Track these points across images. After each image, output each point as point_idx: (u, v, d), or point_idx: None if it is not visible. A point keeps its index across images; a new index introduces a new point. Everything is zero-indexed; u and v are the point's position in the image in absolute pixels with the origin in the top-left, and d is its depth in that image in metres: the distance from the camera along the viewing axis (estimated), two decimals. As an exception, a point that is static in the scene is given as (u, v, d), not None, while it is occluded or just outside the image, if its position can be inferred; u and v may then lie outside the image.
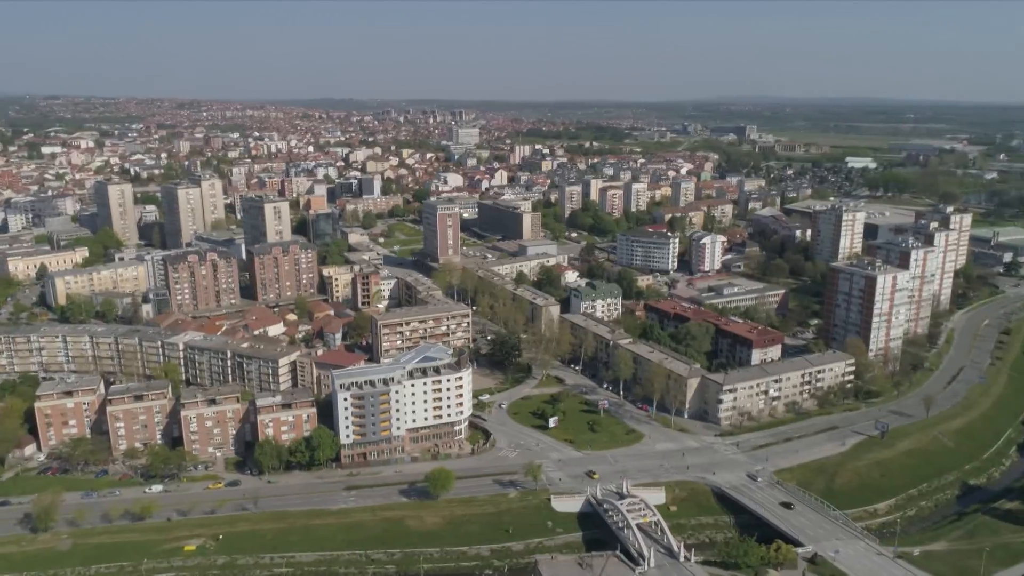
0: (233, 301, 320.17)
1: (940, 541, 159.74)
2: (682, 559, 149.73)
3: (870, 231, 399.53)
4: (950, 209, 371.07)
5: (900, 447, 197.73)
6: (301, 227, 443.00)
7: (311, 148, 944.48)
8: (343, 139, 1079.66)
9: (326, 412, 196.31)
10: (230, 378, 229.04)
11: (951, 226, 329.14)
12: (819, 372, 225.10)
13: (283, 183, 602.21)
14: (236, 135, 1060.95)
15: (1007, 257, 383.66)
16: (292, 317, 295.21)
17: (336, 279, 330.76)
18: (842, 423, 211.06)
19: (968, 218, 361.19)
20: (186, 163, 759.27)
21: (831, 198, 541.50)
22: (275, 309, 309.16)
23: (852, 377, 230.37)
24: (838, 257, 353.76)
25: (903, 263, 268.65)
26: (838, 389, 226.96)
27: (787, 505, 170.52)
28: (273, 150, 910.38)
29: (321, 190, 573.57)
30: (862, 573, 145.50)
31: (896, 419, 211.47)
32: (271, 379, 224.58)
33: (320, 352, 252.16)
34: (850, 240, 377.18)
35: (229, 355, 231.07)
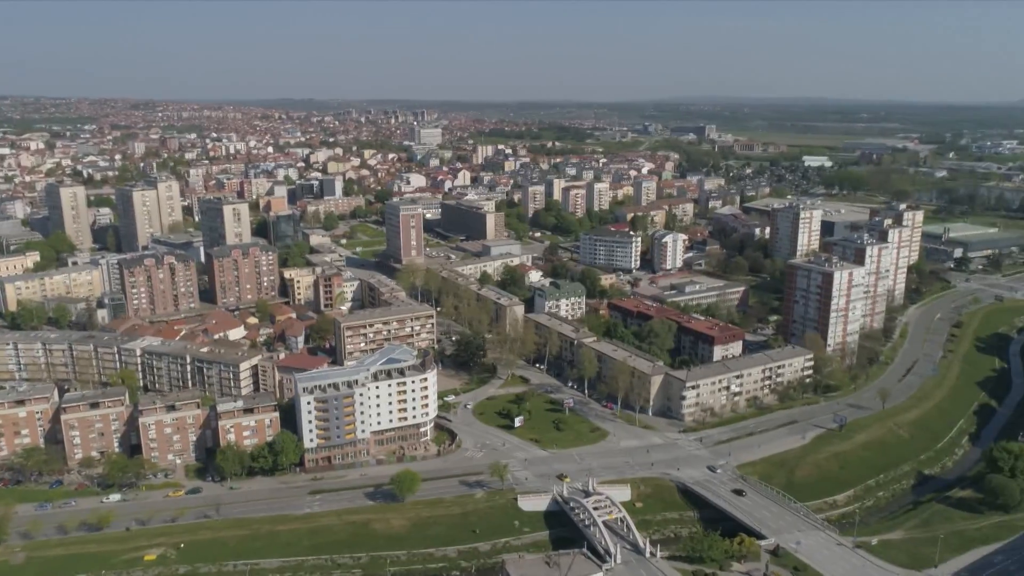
0: (192, 305, 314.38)
1: (897, 530, 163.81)
2: (648, 555, 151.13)
3: (827, 228, 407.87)
4: (903, 206, 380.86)
5: (858, 439, 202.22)
6: (261, 229, 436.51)
7: (271, 149, 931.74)
8: (303, 140, 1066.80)
9: (289, 416, 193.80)
10: (190, 383, 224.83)
11: (904, 223, 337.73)
12: (779, 367, 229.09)
13: (242, 184, 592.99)
14: (193, 136, 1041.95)
15: (957, 253, 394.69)
16: (253, 320, 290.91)
17: (298, 281, 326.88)
18: (802, 417, 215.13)
19: (920, 215, 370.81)
20: (141, 165, 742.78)
21: (789, 196, 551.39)
22: (235, 312, 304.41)
23: (811, 371, 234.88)
24: (796, 254, 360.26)
25: (859, 259, 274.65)
26: (798, 383, 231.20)
27: (739, 492, 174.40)
28: (231, 151, 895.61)
29: (281, 191, 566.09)
30: (823, 563, 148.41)
31: (854, 412, 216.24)
32: (232, 384, 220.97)
33: (282, 355, 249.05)
34: (807, 237, 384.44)
35: (188, 360, 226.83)
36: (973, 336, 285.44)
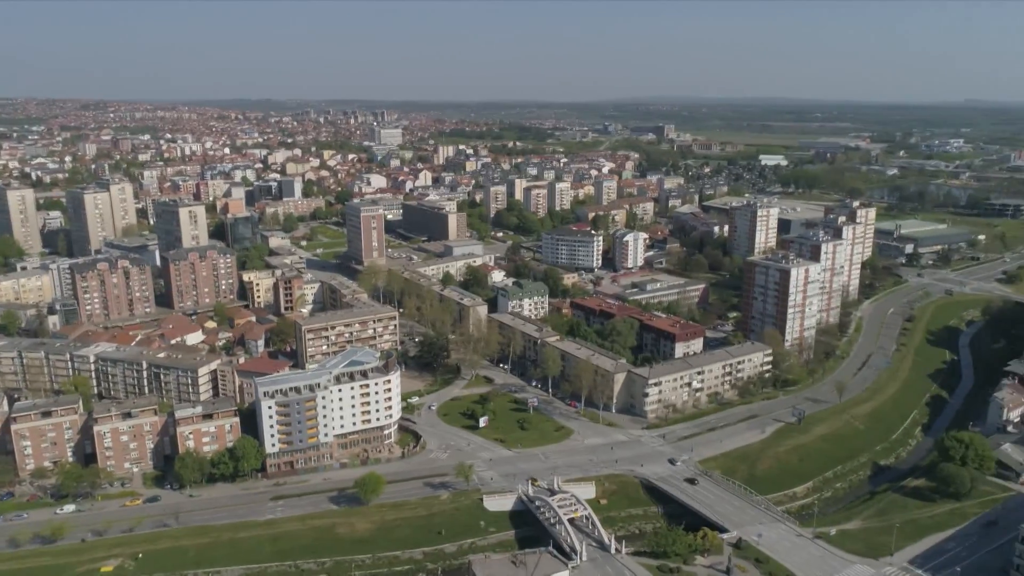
0: (148, 310, 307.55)
1: (854, 520, 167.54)
2: (613, 551, 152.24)
3: (783, 226, 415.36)
4: (856, 204, 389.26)
5: (816, 432, 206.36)
6: (219, 231, 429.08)
7: (227, 150, 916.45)
8: (261, 140, 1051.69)
9: (250, 421, 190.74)
10: (146, 390, 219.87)
11: (857, 220, 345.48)
12: (739, 363, 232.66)
13: (198, 186, 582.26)
14: (147, 137, 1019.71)
15: (909, 248, 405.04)
16: (211, 325, 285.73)
17: (257, 284, 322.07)
18: (762, 411, 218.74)
19: (872, 212, 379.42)
20: (93, 166, 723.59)
21: (746, 195, 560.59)
22: (193, 317, 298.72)
23: (770, 367, 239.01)
24: (754, 252, 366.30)
25: (814, 256, 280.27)
26: (757, 379, 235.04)
27: (691, 481, 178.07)
28: (187, 152, 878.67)
29: (239, 193, 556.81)
30: (783, 555, 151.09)
31: (811, 405, 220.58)
32: (191, 389, 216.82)
33: (242, 360, 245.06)
34: (765, 235, 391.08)
35: (145, 366, 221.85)
36: (924, 329, 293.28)
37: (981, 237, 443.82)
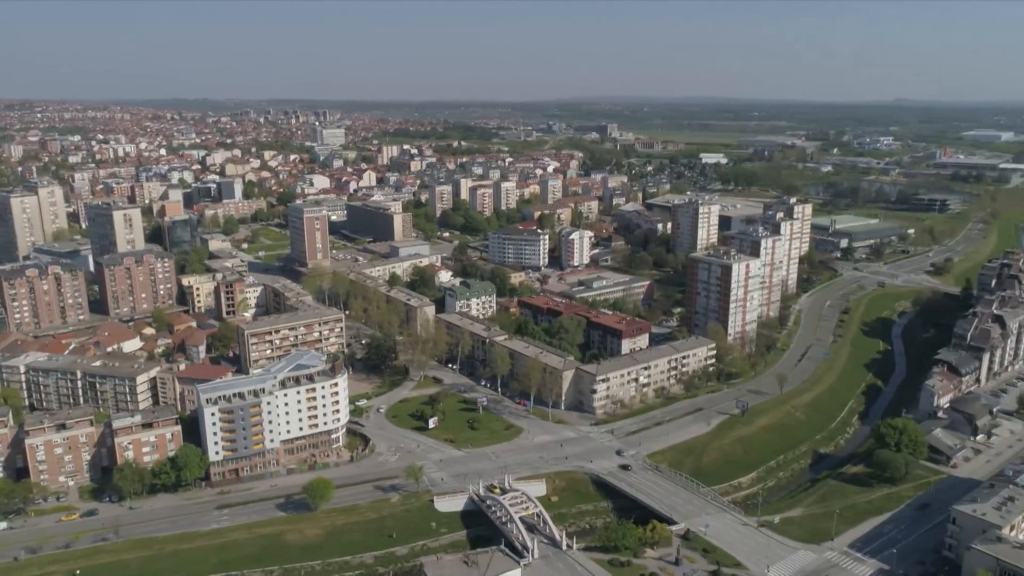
0: (82, 317, 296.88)
1: (797, 507, 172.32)
2: (565, 547, 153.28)
3: (724, 222, 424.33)
4: (793, 200, 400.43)
5: (759, 423, 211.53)
6: (156, 235, 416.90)
7: (163, 151, 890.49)
8: (199, 141, 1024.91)
9: (193, 429, 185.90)
10: (81, 400, 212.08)
11: (795, 216, 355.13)
12: (684, 358, 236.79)
13: (133, 189, 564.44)
14: (77, 138, 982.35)
15: (843, 243, 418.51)
16: (149, 331, 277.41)
17: (197, 289, 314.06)
18: (707, 404, 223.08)
19: (809, 208, 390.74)
20: (19, 169, 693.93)
21: (688, 192, 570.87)
22: (130, 323, 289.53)
23: (714, 360, 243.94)
24: (697, 248, 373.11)
25: (754, 252, 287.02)
26: (702, 372, 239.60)
27: (625, 467, 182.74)
28: (121, 154, 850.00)
29: (176, 195, 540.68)
30: (730, 544, 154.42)
31: (754, 397, 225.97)
32: (129, 398, 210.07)
33: (183, 366, 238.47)
34: (707, 232, 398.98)
35: (79, 375, 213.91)
36: (859, 321, 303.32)
37: (911, 231, 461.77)
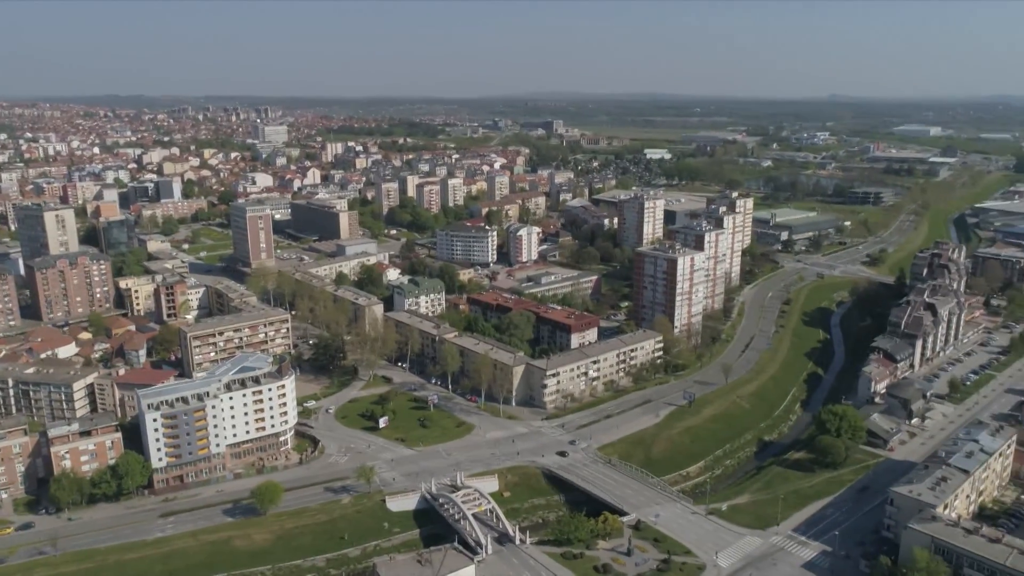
0: (12, 323, 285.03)
1: (743, 494, 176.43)
2: (518, 542, 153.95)
3: (669, 217, 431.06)
4: (735, 194, 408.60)
5: (705, 413, 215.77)
6: (91, 237, 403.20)
7: (97, 150, 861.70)
8: (134, 139, 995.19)
9: (134, 436, 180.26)
10: (14, 409, 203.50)
11: (737, 210, 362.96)
12: (632, 351, 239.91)
13: (65, 189, 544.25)
14: (3, 136, 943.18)
15: (784, 236, 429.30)
16: (86, 336, 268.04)
17: (136, 291, 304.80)
18: (655, 396, 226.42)
19: (750, 202, 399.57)
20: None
21: (633, 188, 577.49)
22: (65, 328, 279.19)
23: (661, 353, 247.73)
24: (643, 242, 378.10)
25: (699, 245, 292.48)
26: (650, 365, 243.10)
27: (562, 454, 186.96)
28: (51, 153, 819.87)
29: (112, 195, 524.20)
30: (679, 532, 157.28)
31: (701, 388, 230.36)
32: (65, 406, 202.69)
33: (122, 371, 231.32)
34: (652, 226, 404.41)
35: (11, 383, 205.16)
36: (800, 311, 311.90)
37: (847, 223, 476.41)
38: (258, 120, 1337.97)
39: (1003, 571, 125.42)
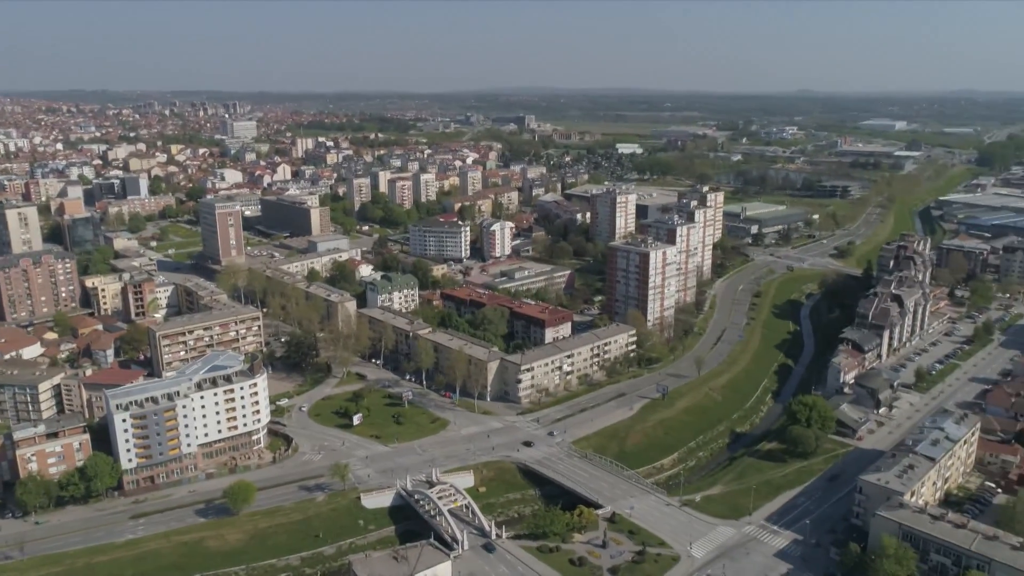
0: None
1: (716, 485, 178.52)
2: (494, 537, 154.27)
3: (641, 211, 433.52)
4: (706, 188, 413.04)
5: (679, 405, 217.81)
6: (55, 235, 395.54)
7: (60, 146, 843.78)
8: (99, 135, 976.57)
9: (103, 437, 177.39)
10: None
11: (708, 204, 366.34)
12: (606, 345, 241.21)
13: (28, 186, 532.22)
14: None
15: (754, 229, 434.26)
16: (51, 336, 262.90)
17: (102, 290, 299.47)
18: (629, 389, 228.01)
19: (721, 196, 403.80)
20: None
21: (606, 182, 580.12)
22: (29, 329, 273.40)
23: (634, 346, 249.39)
24: (615, 237, 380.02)
25: (671, 239, 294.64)
26: (623, 358, 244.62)
27: (528, 443, 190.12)
28: (12, 149, 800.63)
29: (76, 192, 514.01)
30: (654, 524, 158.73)
31: (674, 381, 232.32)
32: (31, 407, 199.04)
33: (89, 372, 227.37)
34: (625, 221, 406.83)
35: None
36: (771, 304, 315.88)
37: (815, 217, 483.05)
38: (226, 115, 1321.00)
39: (968, 555, 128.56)
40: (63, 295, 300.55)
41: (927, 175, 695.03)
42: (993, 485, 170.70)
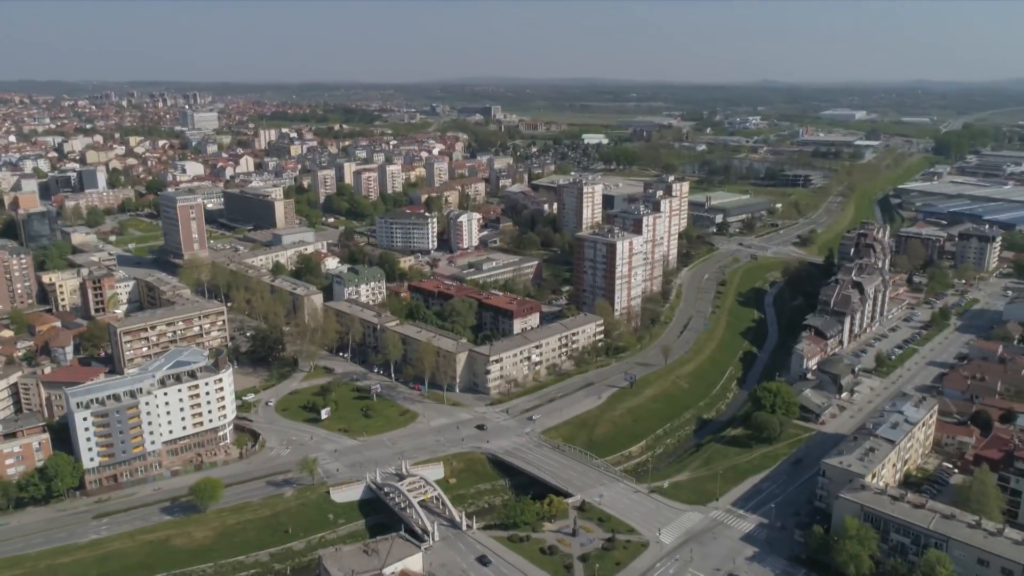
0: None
1: (684, 472, 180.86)
2: (464, 528, 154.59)
3: (607, 201, 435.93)
4: (671, 178, 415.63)
5: (646, 394, 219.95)
6: (9, 230, 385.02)
7: (13, 138, 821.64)
8: (54, 127, 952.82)
9: (64, 436, 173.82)
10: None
11: (673, 194, 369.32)
12: (574, 334, 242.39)
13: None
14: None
15: (719, 218, 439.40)
16: (7, 333, 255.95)
17: (60, 286, 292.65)
18: (597, 379, 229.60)
19: (686, 186, 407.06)
20: None
21: (572, 173, 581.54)
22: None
23: (602, 336, 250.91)
24: (582, 227, 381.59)
25: (637, 229, 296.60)
26: (591, 348, 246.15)
27: (480, 427, 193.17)
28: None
29: (31, 186, 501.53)
30: (623, 511, 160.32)
31: (641, 369, 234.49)
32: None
33: (48, 370, 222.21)
34: (591, 211, 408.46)
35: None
36: (735, 292, 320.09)
37: (778, 205, 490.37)
38: (186, 106, 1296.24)
39: (926, 534, 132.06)
40: (19, 291, 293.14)
41: (886, 164, 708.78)
42: (950, 466, 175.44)
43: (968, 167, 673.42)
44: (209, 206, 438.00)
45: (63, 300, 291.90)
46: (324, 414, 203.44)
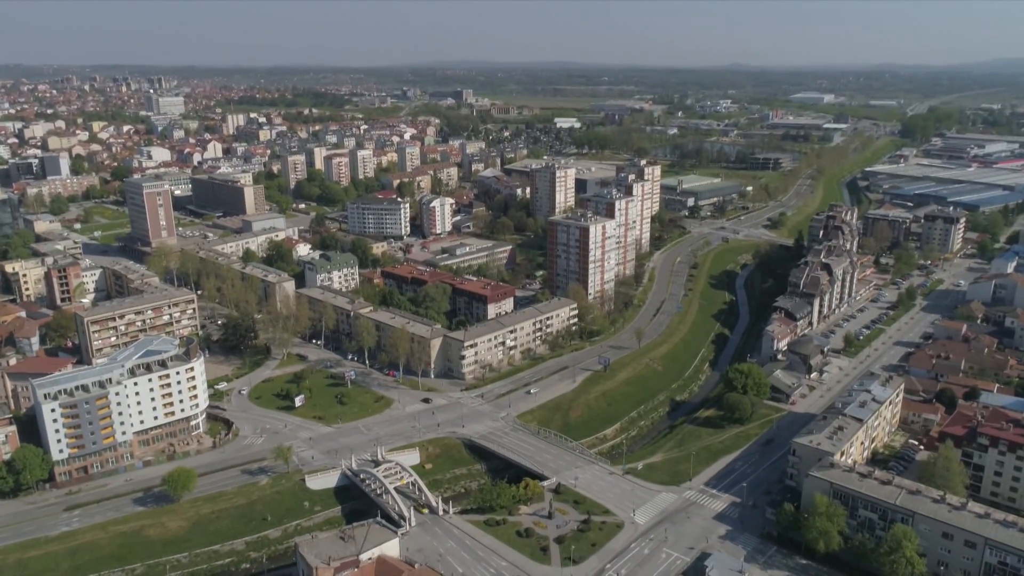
0: None
1: (658, 453, 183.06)
2: (441, 512, 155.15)
3: (580, 186, 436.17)
4: (643, 162, 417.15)
5: (620, 377, 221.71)
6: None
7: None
8: (13, 112, 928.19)
9: (31, 428, 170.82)
10: None
11: (645, 177, 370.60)
12: (548, 319, 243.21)
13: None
14: None
15: (690, 202, 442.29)
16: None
17: (24, 275, 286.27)
18: (571, 362, 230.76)
19: (658, 169, 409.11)
20: None
21: (545, 157, 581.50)
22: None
23: (576, 320, 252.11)
24: (555, 211, 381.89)
25: (610, 213, 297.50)
26: (565, 332, 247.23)
27: (426, 400, 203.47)
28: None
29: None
30: (598, 493, 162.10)
31: (615, 353, 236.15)
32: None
33: (13, 361, 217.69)
34: (564, 195, 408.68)
35: None
36: (707, 275, 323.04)
37: (749, 188, 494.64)
38: (151, 91, 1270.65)
39: (893, 510, 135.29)
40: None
41: (854, 147, 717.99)
42: (916, 443, 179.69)
43: (933, 150, 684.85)
44: (177, 193, 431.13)
45: (27, 290, 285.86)
46: (298, 402, 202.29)
